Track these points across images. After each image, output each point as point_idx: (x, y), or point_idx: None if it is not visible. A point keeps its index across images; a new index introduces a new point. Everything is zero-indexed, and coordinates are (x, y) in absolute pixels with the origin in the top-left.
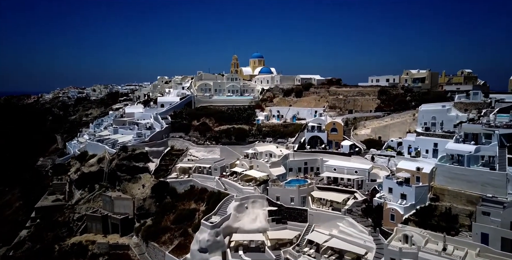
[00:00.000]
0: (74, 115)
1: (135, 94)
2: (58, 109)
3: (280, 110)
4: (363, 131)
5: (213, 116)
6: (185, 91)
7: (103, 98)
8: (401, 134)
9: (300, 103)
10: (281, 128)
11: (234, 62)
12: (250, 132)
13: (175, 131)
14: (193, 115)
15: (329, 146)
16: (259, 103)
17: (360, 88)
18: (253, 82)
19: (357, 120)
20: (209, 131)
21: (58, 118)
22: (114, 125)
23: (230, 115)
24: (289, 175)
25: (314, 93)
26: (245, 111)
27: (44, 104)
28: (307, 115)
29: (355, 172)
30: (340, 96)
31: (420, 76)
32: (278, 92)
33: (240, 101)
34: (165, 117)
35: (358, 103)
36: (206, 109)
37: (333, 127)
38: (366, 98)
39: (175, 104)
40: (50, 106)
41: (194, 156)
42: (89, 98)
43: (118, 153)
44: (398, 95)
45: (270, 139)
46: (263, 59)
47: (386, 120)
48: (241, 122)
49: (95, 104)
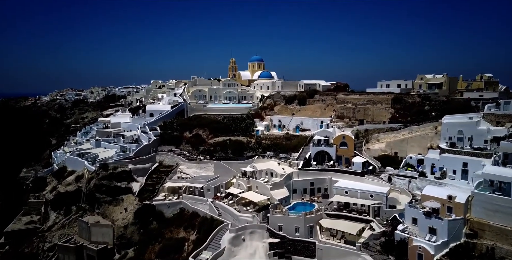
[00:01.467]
0: (70, 118)
1: (127, 99)
2: (55, 112)
3: (281, 119)
4: (377, 145)
5: (208, 127)
6: (177, 99)
7: (100, 101)
8: (421, 150)
9: (304, 112)
10: (283, 141)
11: (231, 65)
12: (248, 145)
13: (165, 143)
14: (185, 125)
15: (338, 162)
16: (258, 111)
17: (371, 96)
18: (252, 88)
19: (369, 133)
20: (203, 144)
21: (55, 122)
22: (97, 137)
23: (226, 125)
24: (293, 197)
25: (319, 101)
26: (243, 121)
27: (41, 106)
28: (312, 125)
29: (370, 196)
30: (349, 105)
31: (437, 82)
32: (279, 99)
33: (237, 110)
34: (154, 128)
35: (369, 112)
36: (199, 119)
37: (342, 141)
38: (378, 107)
39: (166, 113)
40: (47, 109)
41: (185, 173)
42: (86, 101)
43: (97, 172)
44: (415, 104)
45: (270, 154)
46: (262, 62)
47: (403, 134)
48: (238, 134)
49: (91, 107)
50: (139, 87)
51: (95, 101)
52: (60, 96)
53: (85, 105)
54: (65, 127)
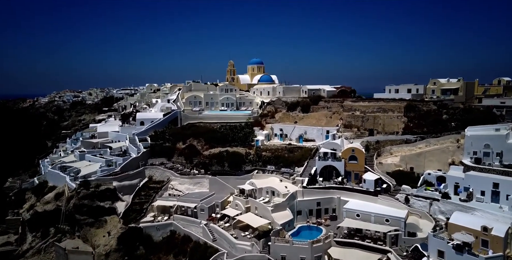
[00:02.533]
0: (67, 120)
1: (120, 104)
2: (53, 114)
3: (283, 128)
4: (390, 159)
5: (203, 137)
6: (171, 105)
7: (98, 103)
8: (440, 165)
9: (308, 120)
10: (286, 153)
11: (230, 68)
12: (247, 157)
13: (155, 155)
14: (178, 135)
15: (347, 178)
16: (258, 119)
17: (382, 103)
18: (251, 93)
19: (380, 145)
20: (197, 156)
21: (52, 124)
22: (82, 148)
23: (223, 135)
24: (298, 220)
25: (324, 108)
26: (241, 130)
27: (39, 108)
28: (317, 135)
29: (386, 221)
30: (357, 113)
31: (452, 87)
32: (280, 106)
33: (235, 117)
34: (144, 138)
35: (380, 121)
36: (194, 128)
37: (352, 154)
38: (389, 115)
39: (158, 122)
40: (45, 111)
41: (177, 189)
42: (84, 103)
43: (78, 190)
44: (430, 112)
45: (271, 168)
46: (262, 65)
47: (420, 147)
48: (236, 144)
49: (89, 109)
50: (137, 89)
51: (93, 103)
52: (59, 98)
53: (82, 107)
54: (61, 129)
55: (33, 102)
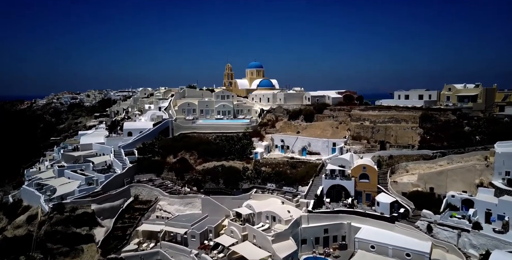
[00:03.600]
0: (64, 123)
1: (113, 109)
2: (50, 116)
3: (285, 139)
4: (406, 178)
5: (196, 149)
6: (162, 114)
7: (95, 105)
8: (466, 186)
9: (312, 131)
10: (288, 168)
11: (227, 72)
12: (244, 173)
13: (143, 171)
14: (169, 148)
15: (358, 199)
16: (257, 129)
17: (394, 112)
18: (249, 99)
19: (394, 160)
20: (190, 171)
21: (49, 127)
22: (63, 162)
23: (218, 147)
24: (302, 250)
25: (330, 117)
26: (238, 141)
27: (35, 110)
28: (322, 148)
29: (407, 256)
30: (366, 123)
31: (470, 94)
32: (281, 114)
33: (232, 127)
34: (131, 151)
35: (392, 132)
36: (187, 139)
37: (363, 172)
38: (402, 126)
39: (147, 133)
40: (42, 113)
41: (166, 211)
42: (82, 105)
43: (51, 214)
44: (449, 123)
45: (272, 186)
46: (262, 69)
47: (441, 164)
48: (233, 157)
49: (85, 112)
50: (134, 91)
51: (90, 105)
52: (56, 100)
53: (79, 110)
54: (57, 132)
55: (30, 104)
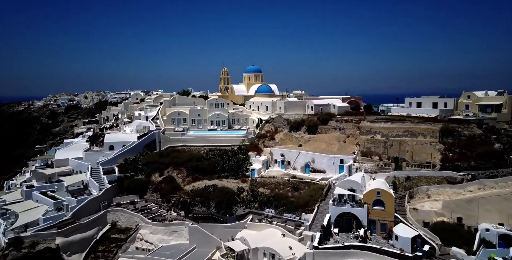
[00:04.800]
0: (59, 126)
1: (102, 115)
2: (47, 119)
3: (285, 153)
4: (428, 205)
5: (185, 166)
6: (148, 124)
7: (91, 108)
8: (503, 218)
9: (316, 144)
10: (289, 190)
11: (223, 77)
12: (239, 195)
13: (124, 192)
14: (155, 164)
15: (371, 229)
16: (254, 141)
17: (409, 125)
18: (246, 107)
19: (412, 182)
20: (177, 192)
21: (45, 129)
22: (34, 181)
23: (210, 163)
24: None
25: (336, 129)
26: (233, 156)
27: (32, 112)
28: (328, 165)
29: None
30: (378, 136)
31: (493, 103)
32: (282, 124)
33: (227, 139)
34: (111, 169)
35: (407, 148)
36: (175, 154)
37: (377, 198)
38: (419, 140)
39: (131, 146)
40: (38, 115)
41: (148, 241)
42: (80, 106)
43: (6, 251)
44: (475, 138)
45: (271, 212)
46: (260, 74)
47: (470, 190)
48: (226, 175)
49: (81, 114)
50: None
51: (87, 107)
52: (54, 101)
53: (74, 112)
54: (53, 136)
55: (28, 105)
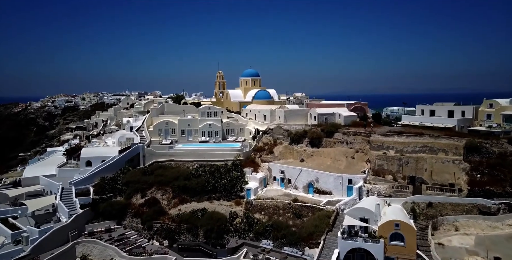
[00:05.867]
0: (54, 128)
1: (90, 121)
2: (43, 120)
3: (286, 170)
4: (456, 239)
5: (171, 186)
6: (133, 136)
7: (87, 109)
8: None
9: (320, 159)
10: (290, 217)
11: (219, 81)
12: (232, 222)
13: (99, 217)
14: (137, 184)
15: None
16: (251, 156)
17: (427, 139)
18: (243, 115)
19: (436, 210)
20: (161, 217)
21: (41, 132)
22: None
23: (200, 182)
24: None
25: (343, 143)
26: (227, 173)
27: (28, 114)
28: (335, 186)
29: None
30: (391, 152)
31: None
32: (281, 136)
33: (219, 153)
34: (86, 189)
35: (425, 166)
36: (161, 171)
37: (395, 231)
38: (440, 157)
39: (110, 162)
40: (35, 117)
41: None
42: (77, 108)
43: None
44: (507, 156)
45: (268, 244)
46: (258, 78)
47: (510, 224)
48: (218, 196)
49: (77, 116)
50: (129, 95)
51: (84, 109)
52: (52, 103)
53: (70, 114)
54: (47, 138)
55: (25, 107)
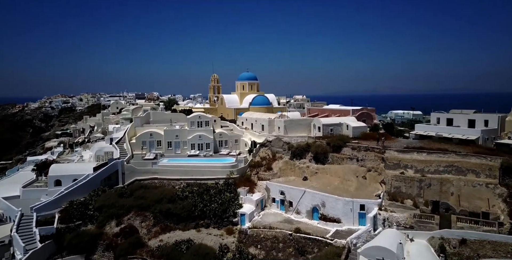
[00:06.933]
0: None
1: (77, 127)
2: (40, 122)
3: (286, 191)
4: None
5: (152, 211)
6: (112, 149)
7: (83, 111)
8: None
9: (325, 178)
10: (292, 253)
11: (213, 85)
12: (221, 259)
13: (65, 251)
14: (111, 209)
15: None
16: (246, 173)
17: (454, 157)
18: (238, 124)
19: (471, 249)
20: (138, 250)
21: (38, 132)
22: None
23: (186, 206)
24: None
25: (352, 160)
26: (217, 194)
27: (24, 115)
28: (344, 212)
29: None
30: (410, 172)
31: None
32: (281, 149)
33: (210, 171)
34: (50, 216)
35: (451, 189)
36: (141, 192)
37: None
38: (469, 180)
39: (83, 181)
40: (31, 118)
41: None
42: (74, 109)
43: None
44: None
45: None
46: (256, 82)
47: None
48: (207, 223)
49: (73, 118)
50: (126, 96)
51: (80, 110)
52: (49, 103)
53: (66, 116)
54: (42, 140)
55: (22, 107)
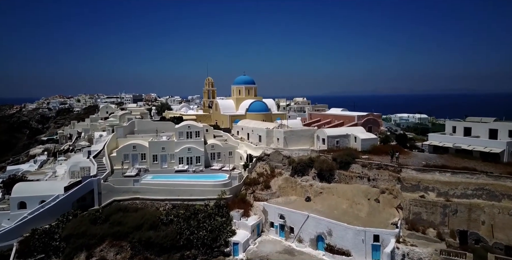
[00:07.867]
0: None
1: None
2: (37, 123)
3: (286, 216)
4: None
5: (130, 240)
6: (89, 165)
7: (80, 113)
8: None
9: (332, 200)
10: None
11: (207, 89)
12: None
13: None
14: (81, 238)
15: None
16: (241, 192)
17: (484, 179)
18: (233, 133)
19: None
20: None
21: (35, 134)
22: None
23: (170, 233)
24: None
25: (362, 179)
26: (207, 218)
27: (21, 116)
28: (354, 243)
29: None
30: (431, 195)
31: None
32: (281, 164)
33: (199, 190)
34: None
35: (482, 217)
36: (119, 216)
37: None
38: (504, 206)
39: (51, 204)
40: (28, 119)
41: None
42: (72, 110)
43: None
44: None
45: None
46: (254, 86)
47: None
48: (194, 254)
49: (69, 120)
50: (123, 97)
51: (77, 111)
52: (46, 104)
53: (62, 117)
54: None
55: (20, 108)
